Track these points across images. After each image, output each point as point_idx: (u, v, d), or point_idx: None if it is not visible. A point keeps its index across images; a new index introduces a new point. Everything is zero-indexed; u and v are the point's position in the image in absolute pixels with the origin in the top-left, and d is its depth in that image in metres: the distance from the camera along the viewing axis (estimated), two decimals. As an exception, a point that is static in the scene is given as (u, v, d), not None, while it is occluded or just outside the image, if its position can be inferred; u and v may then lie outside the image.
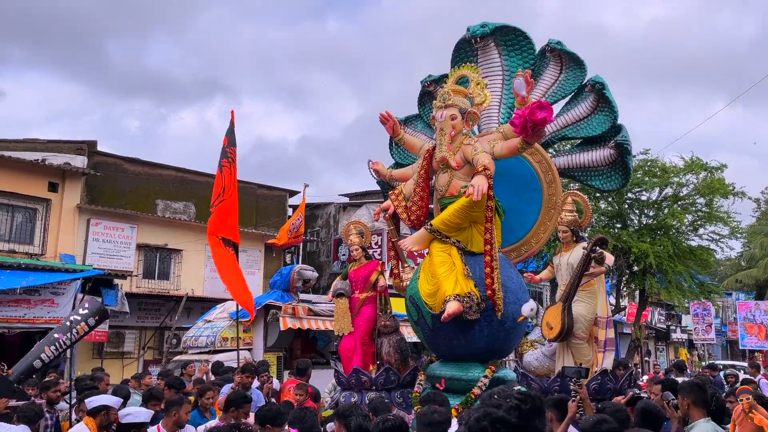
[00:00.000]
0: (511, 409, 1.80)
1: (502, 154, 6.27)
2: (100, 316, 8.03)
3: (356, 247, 7.50)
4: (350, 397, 6.76)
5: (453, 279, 6.01)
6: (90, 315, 8.00)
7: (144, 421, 4.49)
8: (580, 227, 6.30)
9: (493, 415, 1.80)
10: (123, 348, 17.94)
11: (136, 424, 4.43)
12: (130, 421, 4.42)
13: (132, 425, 4.42)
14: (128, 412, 4.53)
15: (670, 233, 18.38)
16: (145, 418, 4.51)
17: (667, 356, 33.75)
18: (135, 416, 4.47)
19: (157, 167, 20.05)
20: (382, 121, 6.90)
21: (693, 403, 4.28)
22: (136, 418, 4.45)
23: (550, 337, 5.93)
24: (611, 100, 6.83)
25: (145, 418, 4.50)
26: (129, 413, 4.49)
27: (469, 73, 6.67)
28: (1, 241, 16.25)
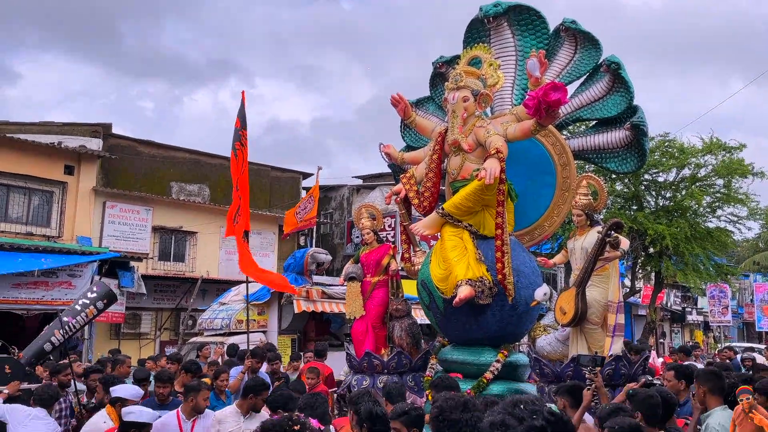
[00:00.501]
0: (532, 429, 1.62)
1: (515, 136, 6.15)
2: (109, 300, 8.10)
3: (367, 231, 7.45)
4: (362, 381, 6.76)
5: (465, 263, 5.94)
6: (99, 298, 8.09)
7: (146, 422, 4.39)
8: (594, 210, 6.19)
9: (510, 430, 1.63)
10: (140, 329, 18.13)
11: (137, 423, 4.35)
12: (132, 420, 4.34)
13: (133, 424, 4.34)
14: (131, 410, 4.44)
15: (687, 215, 18.15)
16: (148, 418, 4.41)
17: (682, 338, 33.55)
18: (138, 415, 4.37)
19: (171, 150, 20.12)
20: (393, 104, 6.79)
21: (710, 390, 4.22)
22: (139, 418, 4.36)
23: (563, 322, 5.85)
24: (627, 80, 6.66)
25: (148, 419, 4.40)
26: (132, 412, 4.40)
27: (482, 53, 6.53)
28: (18, 223, 16.41)
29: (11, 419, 5.29)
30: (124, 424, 4.36)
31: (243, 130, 8.50)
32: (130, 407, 4.52)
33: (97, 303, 7.98)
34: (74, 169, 17.21)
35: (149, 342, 18.27)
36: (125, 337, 17.71)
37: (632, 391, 3.99)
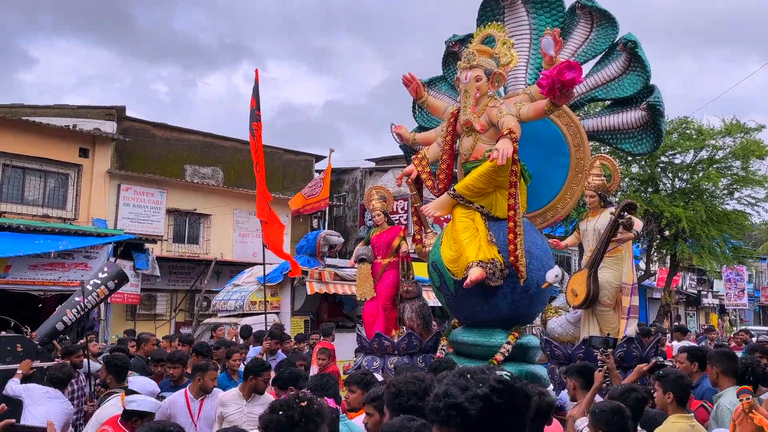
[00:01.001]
0: (476, 398, 1.45)
1: (529, 116, 6.06)
2: (119, 280, 8.13)
3: (378, 213, 7.41)
4: (372, 362, 6.76)
5: (476, 245, 5.89)
6: (109, 278, 8.11)
7: (148, 411, 4.33)
8: (608, 192, 6.10)
9: (451, 399, 1.47)
10: (155, 310, 18.29)
11: (139, 412, 4.29)
12: (134, 409, 4.29)
13: (135, 413, 4.29)
14: (134, 399, 4.38)
15: (704, 197, 17.91)
16: (149, 407, 4.35)
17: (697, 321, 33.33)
18: (139, 404, 4.32)
19: (184, 132, 20.12)
20: (405, 84, 6.71)
21: (723, 372, 4.17)
22: (140, 407, 4.30)
23: (574, 304, 5.79)
24: (644, 59, 6.54)
25: (149, 408, 4.34)
26: (134, 400, 4.36)
27: (496, 32, 6.42)
28: (35, 205, 16.53)
29: (27, 398, 5.32)
30: (126, 413, 4.32)
31: (258, 110, 8.50)
32: (134, 396, 4.49)
33: (108, 283, 8.02)
34: (89, 152, 17.27)
35: (165, 323, 18.43)
36: (141, 318, 17.86)
37: (663, 372, 3.95)
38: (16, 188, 16.38)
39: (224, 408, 4.86)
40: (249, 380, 4.96)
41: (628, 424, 3.10)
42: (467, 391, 1.47)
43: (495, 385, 1.48)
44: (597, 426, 3.08)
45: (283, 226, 8.57)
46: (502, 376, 1.53)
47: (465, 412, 1.45)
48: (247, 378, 5.01)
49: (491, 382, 1.48)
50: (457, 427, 1.47)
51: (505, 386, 1.49)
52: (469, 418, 1.45)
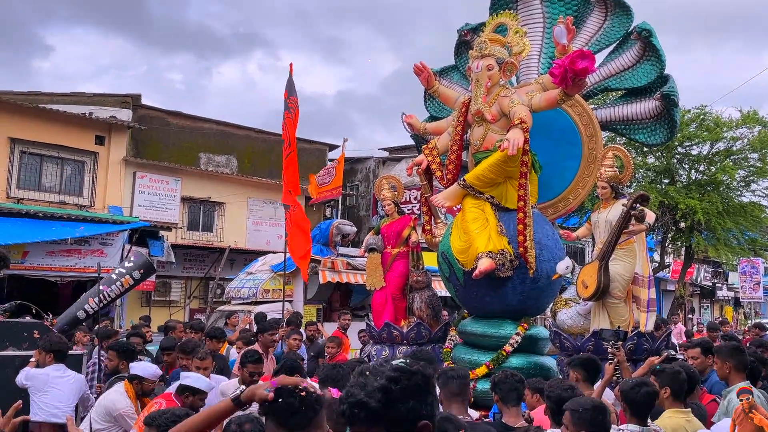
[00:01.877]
0: (375, 391, 1.50)
1: (541, 106, 5.97)
2: (146, 270, 8.09)
3: (388, 202, 7.36)
4: (381, 351, 6.74)
5: (486, 235, 5.83)
6: (135, 268, 8.09)
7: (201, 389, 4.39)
8: (620, 183, 6.01)
9: (351, 398, 1.52)
10: (170, 297, 18.43)
11: (192, 388, 4.36)
12: (189, 384, 4.36)
13: (188, 388, 4.36)
14: (189, 375, 4.47)
15: (720, 189, 17.66)
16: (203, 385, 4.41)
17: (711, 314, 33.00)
18: (194, 381, 4.38)
19: (199, 121, 20.17)
20: (416, 73, 6.64)
21: (734, 367, 4.10)
22: (194, 383, 4.37)
23: (585, 296, 5.73)
24: (659, 48, 6.41)
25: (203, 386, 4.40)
26: (189, 376, 4.43)
27: (508, 21, 6.33)
28: (52, 192, 16.68)
29: (31, 386, 5.32)
30: (181, 387, 4.41)
31: (292, 97, 8.55)
32: (189, 373, 4.55)
33: (133, 273, 7.99)
34: (105, 140, 17.38)
35: (179, 310, 18.56)
36: (156, 305, 18.01)
37: (659, 366, 3.90)
38: (33, 175, 16.53)
39: (224, 398, 4.86)
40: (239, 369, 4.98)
41: (609, 424, 2.99)
42: (366, 387, 1.52)
43: (391, 374, 1.53)
44: (579, 426, 2.91)
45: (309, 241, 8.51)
46: (398, 364, 1.57)
47: (367, 407, 1.50)
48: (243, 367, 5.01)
49: (387, 373, 1.53)
50: (365, 423, 1.51)
51: (402, 372, 1.54)
52: (372, 411, 1.50)
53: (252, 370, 4.97)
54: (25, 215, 13.99)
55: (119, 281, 8.04)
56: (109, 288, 7.87)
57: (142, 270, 8.23)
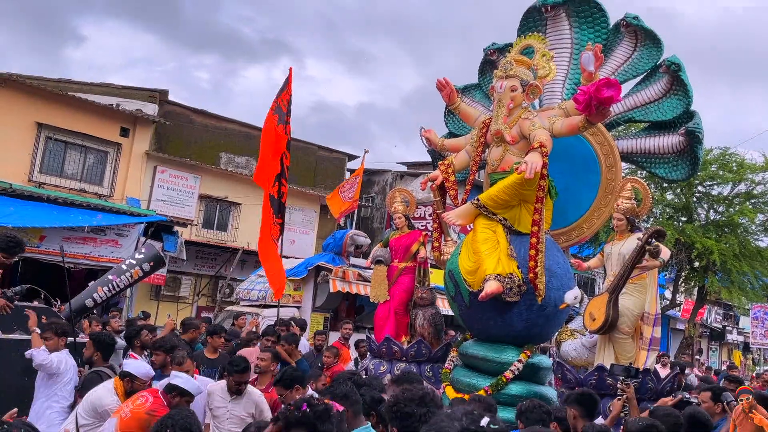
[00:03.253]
0: None
1: (562, 131, 5.81)
2: (155, 263, 7.97)
3: (399, 216, 7.22)
4: (380, 366, 6.57)
5: (495, 258, 5.66)
6: (145, 260, 7.98)
7: (189, 391, 4.25)
8: (637, 216, 5.82)
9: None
10: (179, 292, 18.37)
11: (180, 389, 4.21)
12: (177, 384, 4.22)
13: (176, 388, 4.22)
14: (180, 375, 4.32)
15: (738, 231, 17.35)
16: (191, 388, 4.26)
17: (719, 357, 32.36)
18: (183, 382, 4.24)
19: (223, 121, 20.19)
20: (439, 88, 6.52)
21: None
22: (184, 385, 4.22)
23: (591, 329, 5.53)
24: (687, 83, 6.25)
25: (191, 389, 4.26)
26: (179, 376, 4.29)
27: (535, 43, 6.20)
28: (73, 179, 16.74)
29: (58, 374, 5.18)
30: (169, 386, 4.28)
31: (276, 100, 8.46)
32: (180, 373, 4.40)
33: (143, 265, 7.88)
34: (129, 132, 17.44)
35: (187, 306, 18.50)
36: (164, 299, 17.96)
37: (653, 407, 3.71)
38: (56, 161, 16.60)
39: (211, 399, 4.73)
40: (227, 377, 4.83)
41: None
42: None
43: None
44: None
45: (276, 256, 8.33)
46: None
47: None
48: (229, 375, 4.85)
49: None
50: None
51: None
52: None
53: (237, 380, 4.81)
54: (45, 200, 14.02)
55: (129, 272, 7.95)
56: (118, 278, 7.78)
57: (152, 263, 8.13)
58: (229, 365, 4.87)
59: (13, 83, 15.33)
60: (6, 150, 15.47)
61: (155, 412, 3.99)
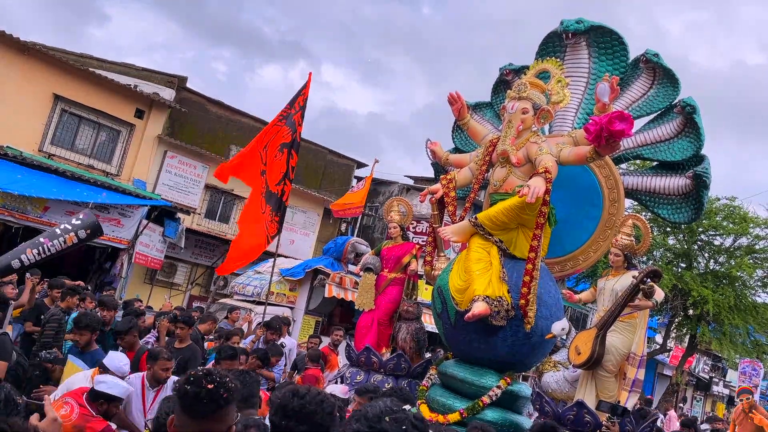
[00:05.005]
0: None
1: (569, 160, 5.64)
2: (93, 231, 7.53)
3: (395, 225, 7.03)
4: (356, 375, 6.36)
5: (486, 279, 5.46)
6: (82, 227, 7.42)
7: (117, 396, 4.03)
8: (634, 254, 5.63)
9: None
10: (173, 279, 18.22)
11: (107, 395, 3.99)
12: (103, 390, 3.99)
13: (102, 395, 3.99)
14: (104, 380, 4.07)
15: (735, 284, 17.11)
16: (119, 392, 4.04)
17: (703, 407, 31.90)
18: (109, 386, 4.01)
19: (237, 114, 20.09)
20: (450, 102, 6.36)
21: None
22: (110, 390, 4.00)
23: (575, 363, 5.32)
24: (700, 126, 6.08)
25: (119, 393, 4.04)
26: (104, 381, 4.04)
27: (552, 68, 6.04)
28: (82, 155, 16.67)
29: None
30: (94, 393, 4.03)
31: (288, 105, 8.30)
32: (104, 376, 4.16)
33: (79, 231, 7.38)
34: (144, 114, 17.38)
35: (179, 293, 18.33)
36: (158, 284, 17.81)
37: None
38: (69, 134, 16.56)
39: None
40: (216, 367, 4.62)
41: None
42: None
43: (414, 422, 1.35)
44: None
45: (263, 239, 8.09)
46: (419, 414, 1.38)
47: None
48: None
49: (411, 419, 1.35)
50: None
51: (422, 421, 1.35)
52: None
53: (226, 368, 4.62)
54: (53, 171, 13.92)
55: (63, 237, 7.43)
56: (50, 242, 7.30)
57: (89, 230, 7.63)
58: (218, 353, 4.69)
59: (35, 53, 15.31)
60: (20, 118, 15.42)
61: (85, 426, 3.78)
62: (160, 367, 4.61)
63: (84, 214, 6.42)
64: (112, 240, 14.91)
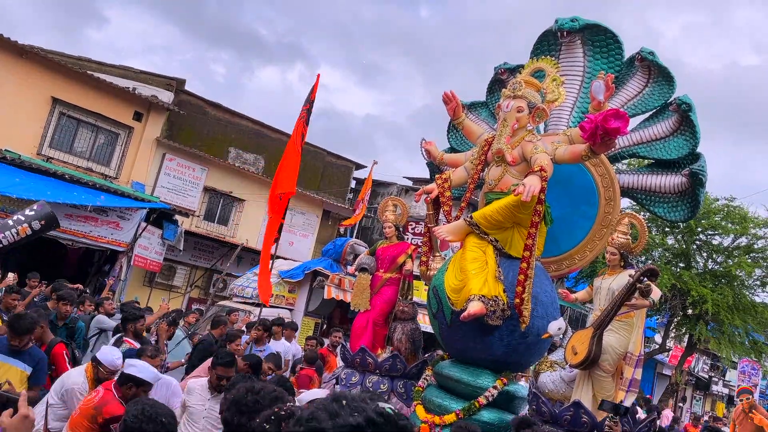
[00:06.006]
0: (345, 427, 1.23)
1: (564, 158, 5.57)
2: (47, 222, 7.27)
3: (389, 225, 6.95)
4: (351, 376, 6.27)
5: (482, 278, 5.40)
6: (36, 218, 7.14)
7: (146, 380, 3.92)
8: (631, 253, 5.55)
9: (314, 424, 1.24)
10: (172, 281, 18.13)
11: (136, 379, 3.89)
12: (132, 374, 3.90)
13: (131, 378, 3.90)
14: (134, 363, 3.99)
15: (734, 283, 17.02)
16: (148, 376, 3.93)
17: (702, 406, 31.78)
18: (139, 370, 3.90)
19: (236, 116, 19.99)
20: (445, 101, 6.31)
21: None
22: (139, 373, 3.89)
23: (572, 363, 5.24)
24: (696, 124, 6.02)
25: (148, 377, 3.93)
26: (134, 365, 3.96)
27: (547, 66, 5.99)
28: (81, 158, 16.59)
29: None
30: (123, 376, 3.95)
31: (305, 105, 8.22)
32: (135, 360, 4.10)
33: (32, 222, 7.12)
34: (143, 117, 17.30)
35: (178, 296, 18.25)
36: (157, 287, 17.73)
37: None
38: (67, 137, 16.48)
39: (189, 396, 4.42)
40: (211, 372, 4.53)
41: None
42: (337, 418, 1.20)
43: (373, 417, 1.21)
44: None
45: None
46: (385, 409, 1.26)
47: None
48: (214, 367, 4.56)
49: (370, 413, 1.22)
50: None
51: (386, 420, 1.22)
52: None
53: (221, 374, 4.52)
54: (51, 174, 13.86)
55: (15, 228, 7.18)
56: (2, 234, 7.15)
57: (43, 221, 7.39)
58: (215, 358, 4.61)
59: (33, 56, 15.24)
60: (18, 121, 15.35)
61: (103, 407, 3.71)
62: None
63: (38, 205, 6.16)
64: (111, 243, 14.83)
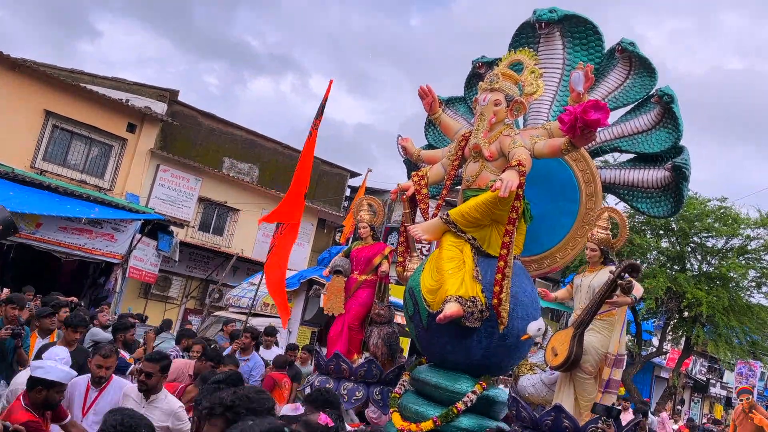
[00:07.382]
0: None
1: (543, 153, 5.24)
2: (5, 227, 7.07)
3: (364, 225, 6.58)
4: (325, 383, 5.89)
5: (459, 278, 5.05)
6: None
7: (56, 381, 3.65)
8: (611, 248, 5.20)
9: None
10: (168, 293, 17.83)
11: (45, 381, 3.62)
12: (39, 376, 3.62)
13: (40, 381, 3.62)
14: (41, 365, 3.69)
15: (729, 285, 16.64)
16: (58, 376, 3.65)
17: (700, 409, 31.21)
18: (46, 372, 3.62)
19: (229, 126, 19.75)
20: (421, 95, 5.99)
21: None
22: (47, 375, 3.61)
23: (552, 365, 4.88)
24: (678, 116, 5.69)
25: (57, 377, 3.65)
26: (41, 366, 3.67)
27: (525, 58, 5.68)
28: (75, 170, 16.35)
29: None
30: (31, 380, 3.65)
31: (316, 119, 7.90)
32: (41, 361, 3.75)
33: None
34: (136, 128, 17.08)
35: (174, 307, 17.94)
36: (153, 298, 17.44)
37: None
38: (60, 150, 16.25)
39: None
40: None
41: None
42: None
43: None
44: None
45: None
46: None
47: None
48: None
49: None
50: None
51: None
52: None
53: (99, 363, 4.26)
54: (45, 188, 13.60)
55: None
56: None
57: (1, 226, 7.18)
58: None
59: (26, 69, 15.03)
60: (12, 134, 15.12)
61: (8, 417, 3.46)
62: (95, 363, 4.26)
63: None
64: (105, 255, 14.55)
